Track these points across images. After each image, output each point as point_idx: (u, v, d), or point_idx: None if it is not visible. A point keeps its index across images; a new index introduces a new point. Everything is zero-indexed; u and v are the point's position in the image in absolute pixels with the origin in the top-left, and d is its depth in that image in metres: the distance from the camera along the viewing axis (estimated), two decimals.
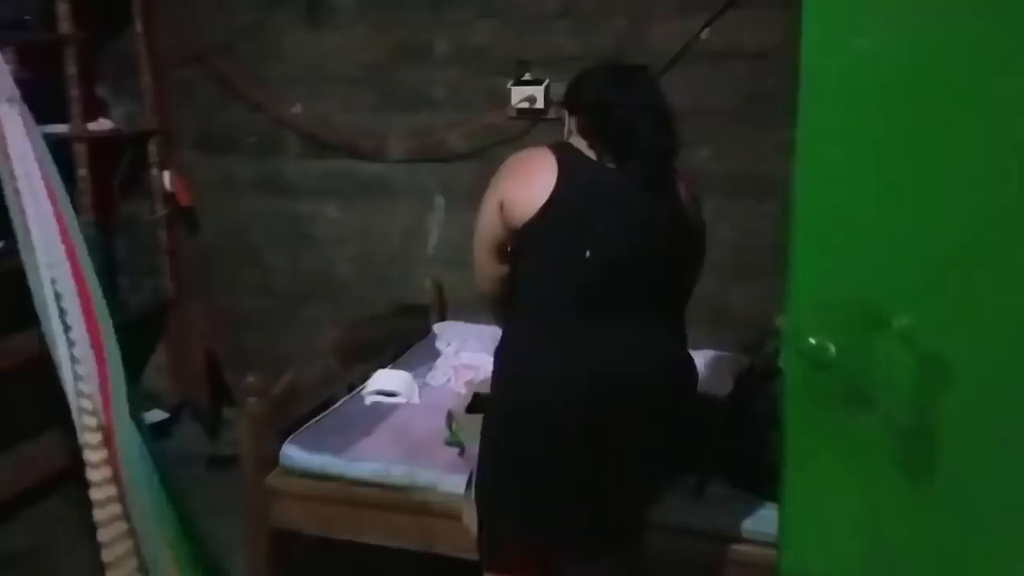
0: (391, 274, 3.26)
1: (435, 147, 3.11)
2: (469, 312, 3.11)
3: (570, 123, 1.76)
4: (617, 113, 1.65)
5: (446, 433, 2.20)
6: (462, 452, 2.11)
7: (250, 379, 2.11)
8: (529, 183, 1.62)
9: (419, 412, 2.40)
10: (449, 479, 2.02)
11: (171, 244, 3.48)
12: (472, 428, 1.98)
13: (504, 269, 1.74)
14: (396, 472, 2.08)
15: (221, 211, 3.44)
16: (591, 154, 1.65)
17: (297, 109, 3.25)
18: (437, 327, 3.06)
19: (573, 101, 1.76)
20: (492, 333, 3.03)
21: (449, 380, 2.61)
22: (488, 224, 1.71)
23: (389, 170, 3.19)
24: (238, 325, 3.48)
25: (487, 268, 1.76)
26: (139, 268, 3.57)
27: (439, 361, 2.76)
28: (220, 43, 3.25)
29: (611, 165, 1.64)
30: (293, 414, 2.27)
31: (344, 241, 3.31)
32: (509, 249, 1.69)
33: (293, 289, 3.40)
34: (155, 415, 3.40)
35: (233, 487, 2.30)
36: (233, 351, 3.44)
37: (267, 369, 3.39)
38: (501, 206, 1.66)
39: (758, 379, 1.99)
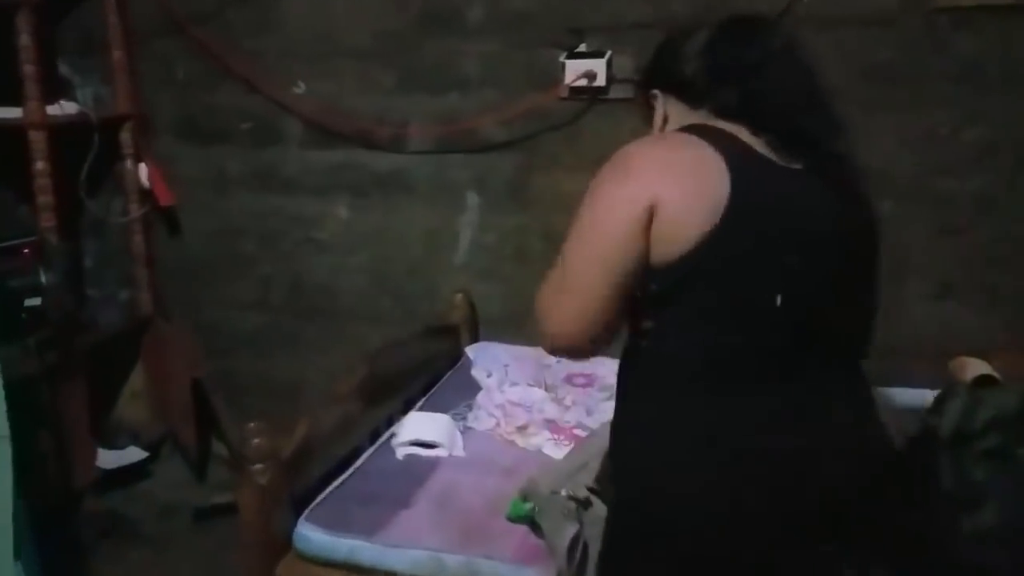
0: (413, 287, 2.73)
1: (466, 135, 2.58)
2: (506, 330, 2.60)
3: (671, 106, 1.27)
4: (778, 86, 1.17)
5: (509, 503, 1.67)
6: (538, 532, 1.58)
7: (254, 440, 1.58)
8: (695, 190, 1.07)
9: (467, 469, 1.88)
10: (524, 574, 1.51)
11: (148, 251, 2.94)
12: (556, 513, 1.47)
13: (618, 317, 1.15)
14: (451, 564, 1.56)
15: (208, 211, 2.90)
16: (760, 146, 1.13)
17: (300, 89, 2.71)
18: (470, 350, 2.54)
19: (682, 74, 1.26)
20: (536, 357, 2.57)
21: (498, 424, 2.09)
22: (619, 240, 1.09)
23: (410, 163, 2.66)
24: (229, 346, 2.94)
25: (597, 311, 1.12)
26: (111, 279, 3.05)
27: (480, 397, 2.24)
28: (206, 10, 2.72)
29: (790, 163, 1.14)
30: (307, 475, 1.75)
31: (356, 247, 2.77)
32: (642, 292, 1.13)
33: (294, 304, 2.86)
34: (132, 453, 2.88)
35: (226, 545, 1.82)
36: (222, 377, 2.90)
37: (264, 400, 2.91)
38: (651, 215, 1.07)
39: (946, 445, 1.48)
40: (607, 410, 2.15)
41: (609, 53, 2.39)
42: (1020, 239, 2.22)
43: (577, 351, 1.19)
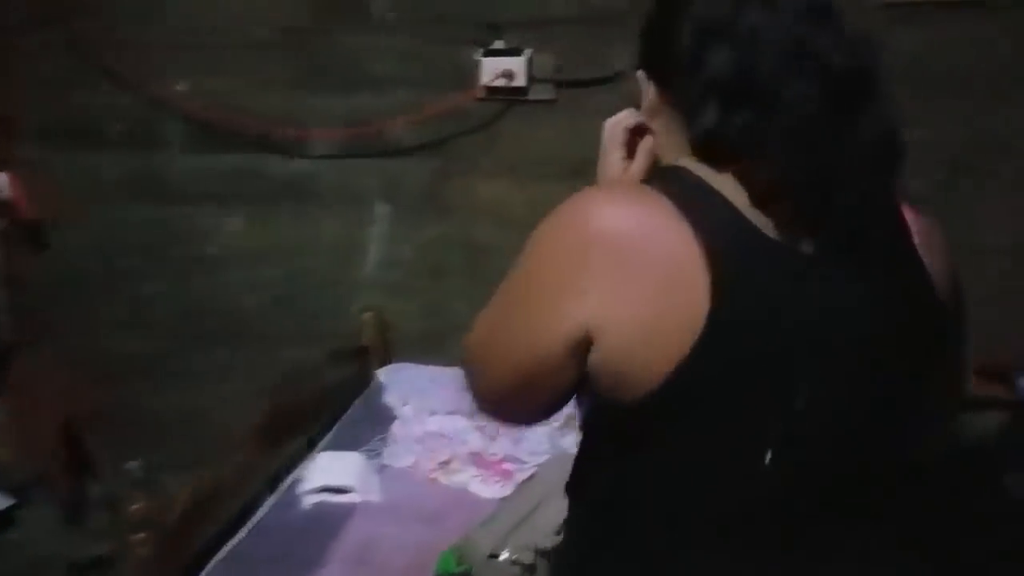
0: (318, 306, 2.48)
1: (375, 138, 2.35)
2: (423, 351, 2.39)
3: (653, 99, 0.92)
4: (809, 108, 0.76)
5: (438, 559, 1.46)
6: None
7: (134, 505, 1.32)
8: (659, 309, 0.76)
9: (385, 518, 1.66)
10: None
11: (10, 268, 2.59)
12: None
13: (559, 400, 0.90)
14: None
15: (80, 224, 2.57)
16: (753, 213, 0.79)
17: (183, 87, 2.43)
18: (383, 374, 2.31)
19: (666, 49, 0.87)
20: (459, 380, 2.34)
21: (418, 460, 1.88)
22: (542, 355, 0.82)
23: (314, 168, 2.42)
24: (108, 377, 2.61)
25: (521, 396, 0.88)
26: None
27: (396, 428, 2.02)
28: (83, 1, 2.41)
29: (797, 241, 0.79)
30: (198, 539, 1.49)
31: (252, 263, 2.50)
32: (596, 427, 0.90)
33: (182, 328, 2.57)
34: None
35: None
36: (101, 411, 2.58)
37: (148, 437, 2.61)
38: (590, 341, 0.79)
39: None
40: (536, 439, 1.98)
41: (529, 51, 2.21)
42: (953, 244, 2.15)
43: (505, 424, 1.01)
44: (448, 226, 2.38)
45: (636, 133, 0.98)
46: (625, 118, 0.99)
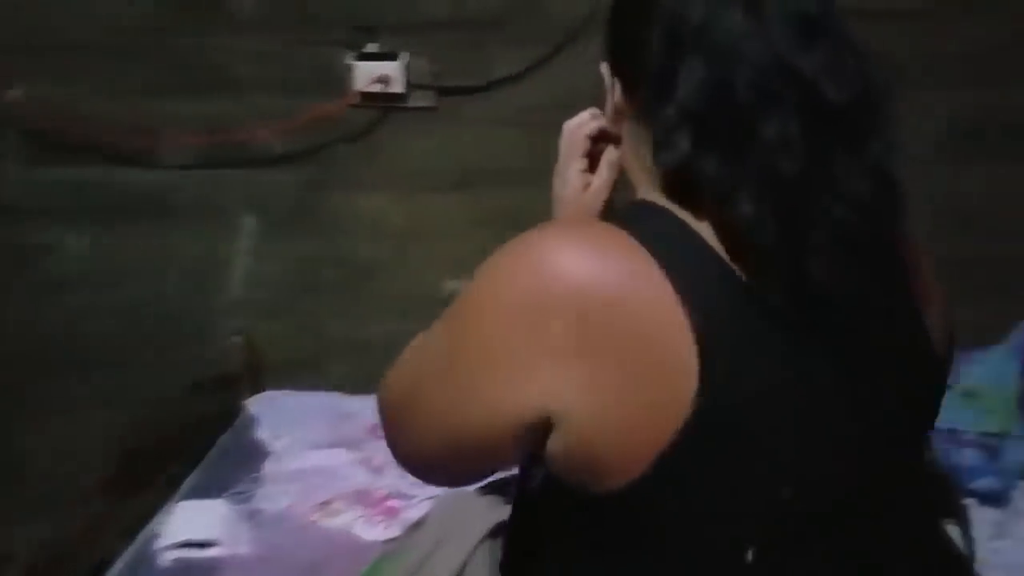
0: (177, 331, 2.26)
1: (238, 148, 2.16)
2: (297, 377, 2.23)
3: (639, 129, 0.77)
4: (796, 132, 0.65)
5: None
6: None
7: None
8: (637, 392, 0.64)
9: (256, 572, 1.49)
10: None
11: None
12: None
13: (488, 473, 0.86)
14: None
15: None
16: (739, 267, 0.67)
17: (17, 93, 2.17)
18: (253, 404, 2.13)
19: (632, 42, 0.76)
20: (338, 407, 2.20)
21: (294, 503, 1.71)
22: (475, 428, 0.70)
23: (169, 180, 2.20)
24: None
25: (446, 465, 0.79)
26: None
27: (269, 466, 1.85)
28: None
29: (787, 302, 0.66)
30: None
31: (101, 284, 2.26)
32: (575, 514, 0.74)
33: (20, 358, 2.29)
34: None
35: None
36: None
37: None
38: (548, 426, 0.66)
39: None
40: None
41: (406, 55, 2.08)
42: None
43: (425, 482, 0.88)
44: (322, 241, 2.21)
45: (599, 140, 0.87)
46: (587, 122, 0.87)
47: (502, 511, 1.22)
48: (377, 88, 2.06)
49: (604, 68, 0.86)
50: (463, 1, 2.08)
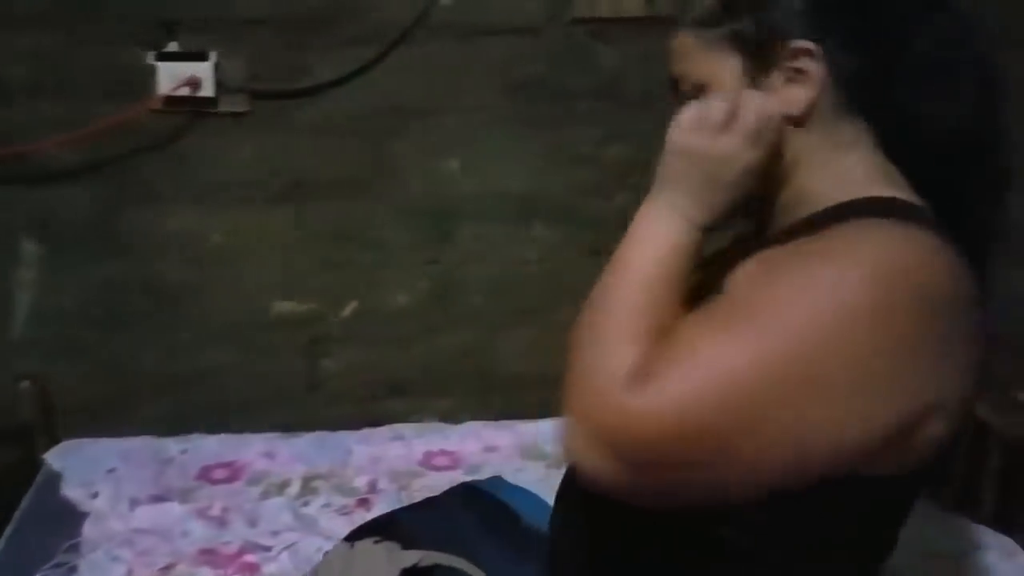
0: None
1: (17, 161, 1.86)
2: (103, 421, 1.97)
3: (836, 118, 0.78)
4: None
5: None
6: None
7: None
8: (973, 358, 0.71)
9: None
10: None
11: None
12: None
13: None
14: None
15: None
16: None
17: None
18: (53, 457, 1.84)
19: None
20: (156, 453, 1.90)
21: (130, 571, 1.49)
22: (842, 444, 0.66)
23: None
24: None
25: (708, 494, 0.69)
26: None
27: (89, 529, 1.60)
28: None
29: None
30: None
31: None
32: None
33: None
34: None
35: None
36: None
37: None
38: (909, 427, 0.67)
39: None
40: (273, 514, 1.68)
41: (215, 55, 1.88)
42: None
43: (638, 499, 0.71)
44: (125, 265, 1.96)
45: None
46: (779, 106, 0.76)
47: (403, 557, 1.14)
48: (185, 92, 1.85)
49: (801, 46, 0.77)
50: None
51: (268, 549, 1.54)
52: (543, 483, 1.80)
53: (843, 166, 0.77)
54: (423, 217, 2.10)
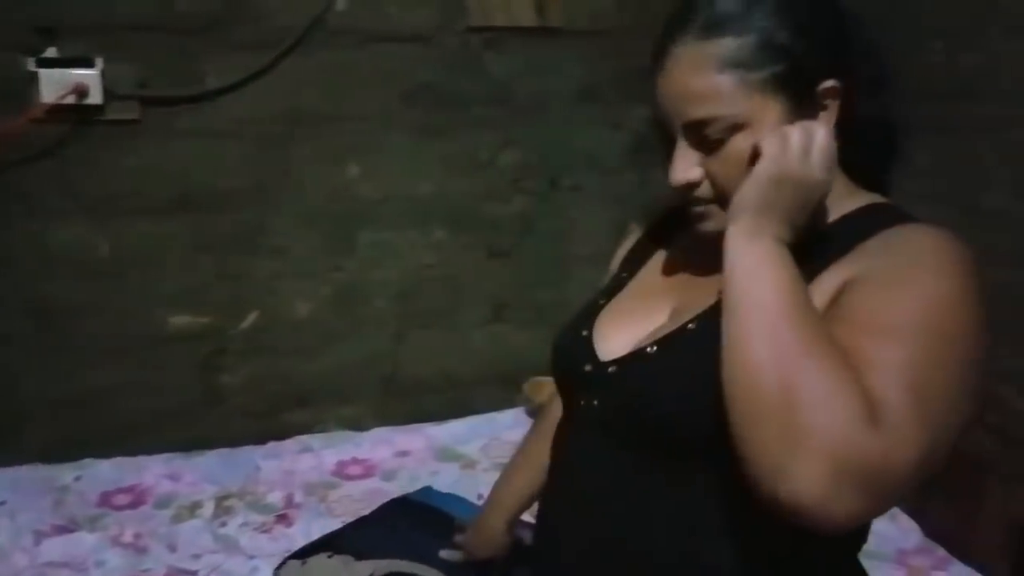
0: None
1: None
2: None
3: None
4: None
5: None
6: None
7: None
8: None
9: None
10: None
11: None
12: None
13: None
14: None
15: None
16: None
17: None
18: None
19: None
20: (50, 481, 1.73)
21: None
22: (976, 401, 0.74)
23: None
24: None
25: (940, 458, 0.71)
26: None
27: None
28: None
29: None
30: None
31: None
32: None
33: None
34: None
35: None
36: None
37: None
38: None
39: None
40: (191, 536, 1.62)
41: (101, 61, 1.79)
42: (558, 258, 2.32)
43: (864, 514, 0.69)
44: (6, 282, 1.84)
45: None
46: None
47: (360, 568, 1.15)
48: (71, 100, 1.75)
49: (830, 85, 0.82)
50: (171, 1, 1.84)
51: (194, 573, 1.50)
52: (460, 484, 1.87)
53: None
54: (323, 224, 2.08)
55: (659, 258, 1.00)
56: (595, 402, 0.91)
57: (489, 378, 2.31)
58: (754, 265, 0.75)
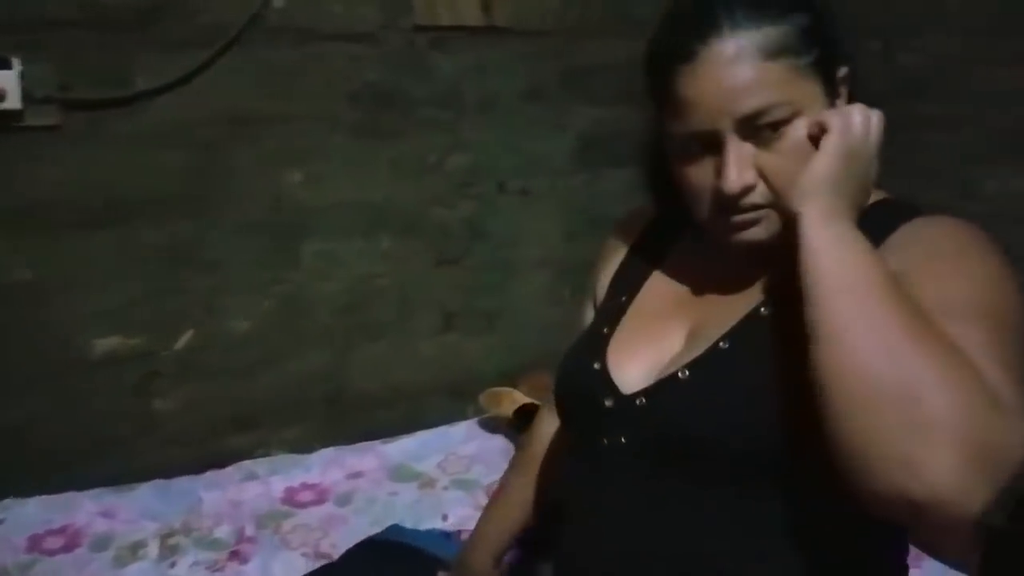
0: None
1: None
2: None
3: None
4: None
5: None
6: None
7: None
8: None
9: None
10: None
11: None
12: None
13: None
14: None
15: None
16: None
17: None
18: None
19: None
20: None
21: None
22: None
23: None
24: None
25: None
26: None
27: None
28: None
29: None
30: None
31: None
32: None
33: None
34: None
35: None
36: None
37: None
38: None
39: None
40: None
41: (18, 62, 1.62)
42: (508, 263, 2.25)
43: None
44: None
45: None
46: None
47: None
48: None
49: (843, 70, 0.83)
50: (89, 2, 1.68)
51: None
52: (422, 504, 1.79)
53: None
54: (264, 234, 1.95)
55: (658, 278, 0.96)
56: (623, 439, 0.86)
57: (440, 390, 2.23)
58: (841, 248, 0.71)
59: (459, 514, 1.71)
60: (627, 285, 0.97)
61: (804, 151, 0.77)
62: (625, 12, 2.18)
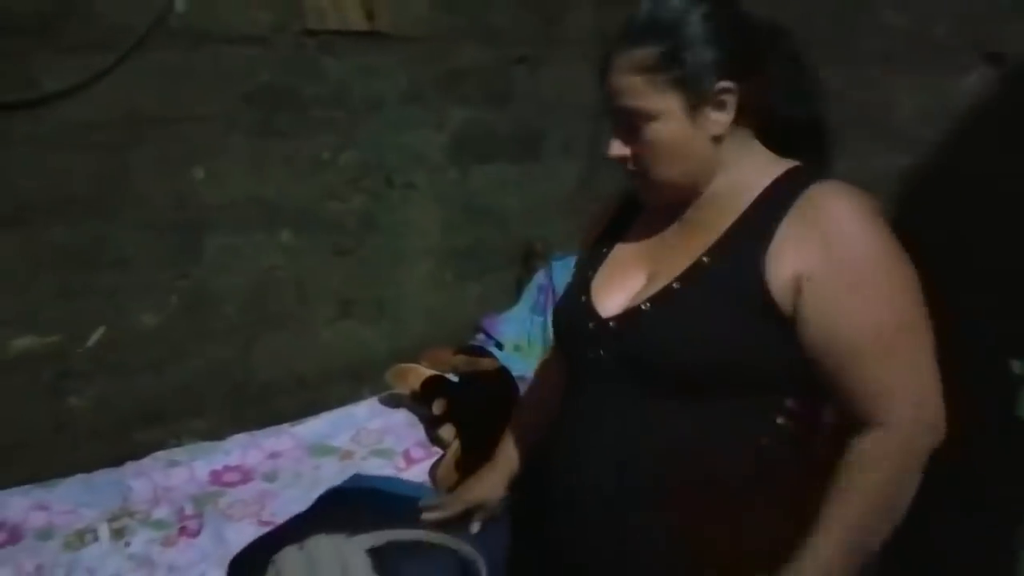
0: None
1: None
2: None
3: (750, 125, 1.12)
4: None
5: None
6: None
7: None
8: None
9: None
10: None
11: None
12: None
13: None
14: None
15: None
16: None
17: None
18: None
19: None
20: None
21: None
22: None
23: None
24: None
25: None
26: None
27: None
28: None
29: None
30: None
31: None
32: None
33: None
34: None
35: None
36: None
37: None
38: None
39: None
40: (103, 562, 1.56)
41: None
42: (398, 253, 2.42)
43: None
44: None
45: None
46: (710, 128, 1.08)
47: (360, 540, 1.21)
48: None
49: (726, 86, 1.05)
50: None
51: None
52: (347, 473, 1.91)
53: (754, 158, 1.08)
54: (167, 231, 2.01)
55: (629, 237, 1.22)
56: (601, 352, 1.10)
57: (339, 374, 2.36)
58: None
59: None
60: (610, 241, 1.23)
61: (657, 146, 1.06)
62: (486, 22, 2.41)
